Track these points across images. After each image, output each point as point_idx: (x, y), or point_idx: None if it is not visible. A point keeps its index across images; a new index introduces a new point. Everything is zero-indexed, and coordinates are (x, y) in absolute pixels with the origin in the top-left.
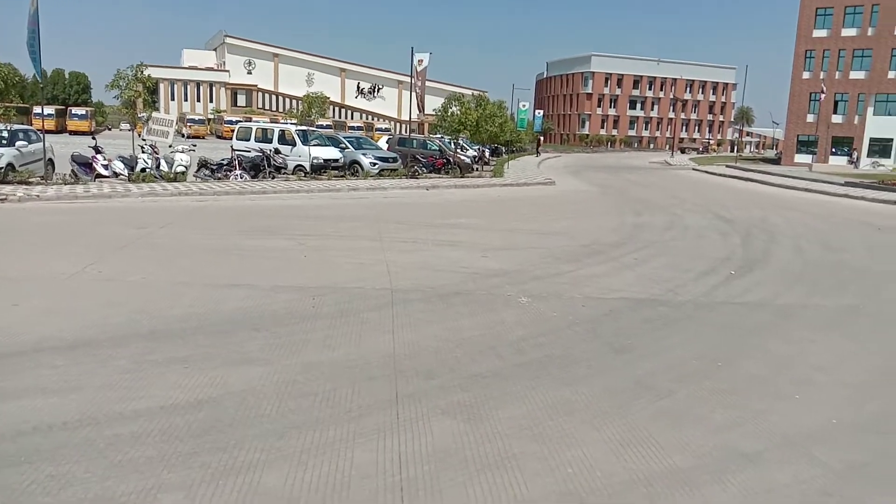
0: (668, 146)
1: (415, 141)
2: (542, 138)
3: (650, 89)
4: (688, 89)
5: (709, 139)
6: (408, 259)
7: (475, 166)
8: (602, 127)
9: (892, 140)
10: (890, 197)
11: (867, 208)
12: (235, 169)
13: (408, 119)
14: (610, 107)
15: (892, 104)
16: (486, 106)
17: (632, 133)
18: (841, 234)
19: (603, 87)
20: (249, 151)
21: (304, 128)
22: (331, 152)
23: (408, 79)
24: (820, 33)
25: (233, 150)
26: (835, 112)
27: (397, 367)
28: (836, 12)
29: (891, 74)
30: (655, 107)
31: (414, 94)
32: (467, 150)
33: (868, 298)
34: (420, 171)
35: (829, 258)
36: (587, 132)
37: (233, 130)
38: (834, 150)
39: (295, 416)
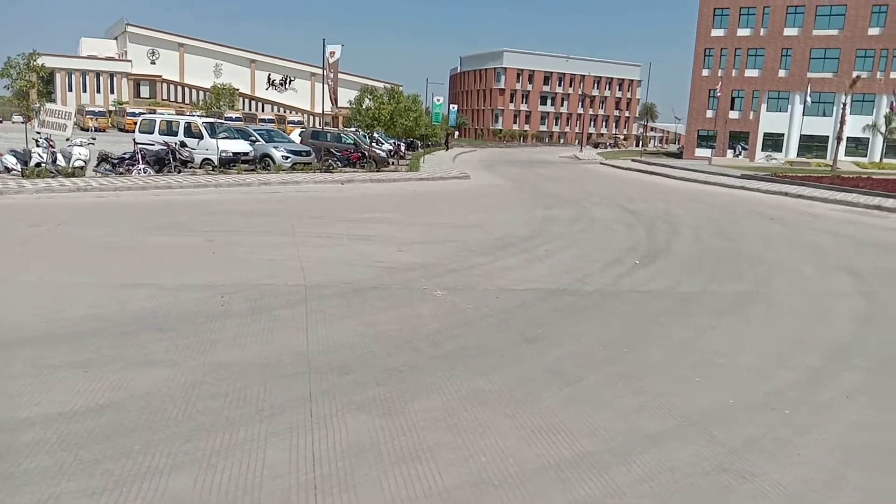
0: (577, 141)
1: (329, 134)
2: (449, 133)
3: (560, 85)
4: (595, 86)
5: (616, 134)
6: (322, 254)
7: (391, 160)
8: (515, 122)
9: (783, 135)
10: (781, 188)
11: (761, 199)
12: (138, 163)
13: (321, 112)
14: (522, 102)
15: (783, 101)
16: (401, 99)
17: (543, 128)
18: (737, 224)
19: (515, 82)
20: (153, 145)
21: (211, 120)
22: (240, 145)
23: (321, 71)
24: (717, 33)
25: (135, 143)
26: (732, 108)
27: (311, 364)
28: (732, 13)
29: (781, 73)
30: (565, 103)
31: (326, 86)
32: (383, 143)
33: (761, 285)
34: (334, 165)
35: (726, 247)
36: (500, 127)
37: (135, 123)
38: (732, 144)
39: (203, 417)
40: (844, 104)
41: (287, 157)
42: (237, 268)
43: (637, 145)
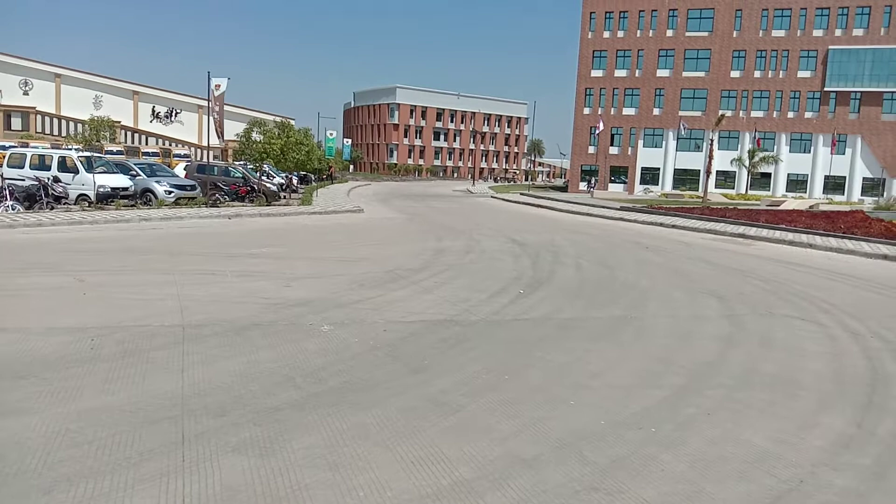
0: (470, 175)
1: (216, 168)
2: (332, 166)
3: (452, 122)
4: (486, 122)
5: (507, 168)
6: (203, 292)
7: (282, 194)
8: (409, 156)
9: (659, 169)
10: (657, 219)
11: (639, 230)
12: (6, 199)
13: (209, 145)
14: (416, 137)
15: (657, 137)
16: (291, 133)
17: (437, 163)
18: (615, 253)
19: (409, 118)
20: (23, 180)
21: (88, 154)
22: (119, 180)
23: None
24: (597, 73)
25: (3, 178)
26: (612, 144)
27: (186, 407)
28: (610, 55)
29: (656, 111)
30: (458, 138)
31: (212, 119)
32: (274, 177)
33: (635, 309)
34: (222, 200)
35: (604, 275)
36: (395, 161)
37: (3, 157)
38: (612, 178)
39: (65, 467)
40: (712, 140)
41: (170, 192)
42: (110, 309)
43: (526, 179)
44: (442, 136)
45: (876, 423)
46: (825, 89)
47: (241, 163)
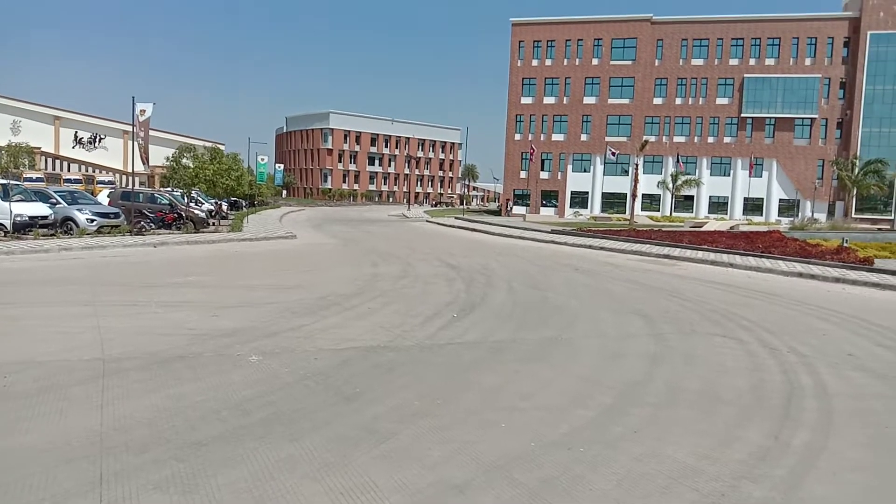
0: (406, 200)
1: (141, 195)
2: (256, 192)
3: (387, 147)
4: (420, 148)
5: (441, 193)
6: (125, 324)
7: (211, 221)
8: (344, 181)
9: (588, 192)
10: (586, 242)
11: (569, 252)
12: None
13: (134, 171)
14: (350, 162)
15: (586, 162)
16: (222, 159)
17: (372, 188)
18: (547, 275)
19: (343, 143)
20: None
21: (3, 182)
22: (38, 208)
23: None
24: (527, 100)
25: None
26: (542, 169)
27: (104, 445)
28: (538, 83)
29: (584, 137)
30: (392, 163)
31: (137, 144)
32: (203, 203)
33: (565, 330)
34: (147, 228)
35: (536, 297)
36: (330, 186)
37: None
38: (544, 202)
39: None
40: (637, 165)
41: (92, 220)
42: (25, 344)
43: (461, 204)
44: (377, 161)
45: (791, 435)
46: (742, 115)
47: (169, 189)
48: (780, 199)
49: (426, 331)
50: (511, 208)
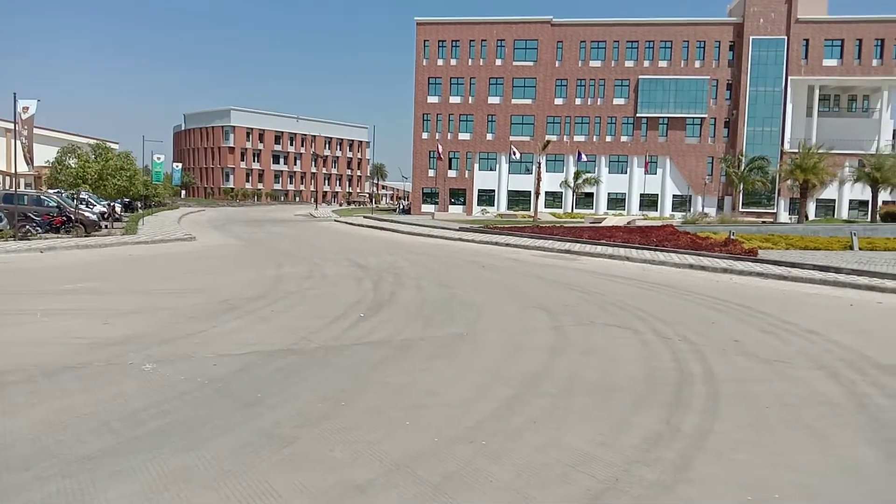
0: (313, 199)
1: (26, 196)
2: (148, 193)
3: (292, 145)
4: (327, 146)
5: (350, 192)
6: (7, 335)
7: (103, 223)
8: (247, 181)
9: (494, 191)
10: (492, 238)
11: (476, 249)
12: None
13: (20, 172)
14: (254, 161)
15: (492, 161)
16: (110, 157)
17: (278, 187)
18: (454, 272)
19: (245, 141)
20: None
21: None
22: None
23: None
24: (433, 100)
25: None
26: (450, 168)
27: None
28: (444, 82)
29: (489, 136)
30: (298, 161)
31: (20, 144)
32: (94, 205)
33: (471, 326)
34: (33, 232)
35: (443, 294)
36: (232, 186)
37: None
38: (452, 200)
39: None
40: (539, 163)
41: None
42: None
43: (372, 203)
44: (282, 160)
45: (682, 420)
46: (637, 115)
47: (56, 191)
48: (674, 195)
49: (332, 332)
50: (405, 207)
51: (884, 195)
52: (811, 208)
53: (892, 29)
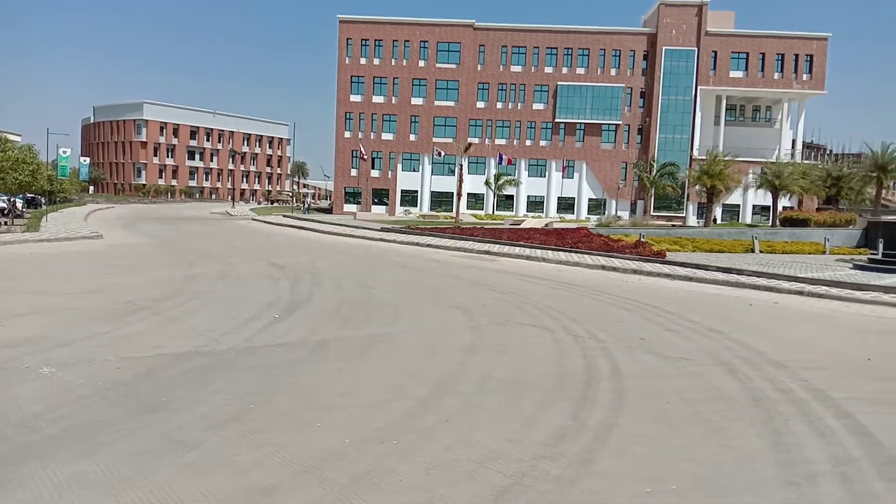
0: (230, 197)
1: None
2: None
3: (209, 140)
4: (245, 142)
5: (269, 190)
6: None
7: (2, 220)
8: (160, 177)
9: (417, 191)
10: (414, 239)
11: (398, 249)
12: None
13: None
14: (168, 156)
15: (415, 161)
16: (10, 150)
17: (192, 183)
18: (374, 272)
19: (158, 135)
20: None
21: None
22: None
23: None
24: (356, 98)
25: None
26: (373, 167)
27: None
28: (367, 81)
29: (412, 137)
30: (215, 158)
31: None
32: None
33: (388, 326)
34: None
35: (362, 294)
36: (144, 182)
37: None
38: (375, 200)
39: None
40: (462, 165)
41: None
42: None
43: (296, 201)
44: (197, 156)
45: (588, 415)
46: (556, 120)
47: None
48: (590, 199)
49: (244, 333)
50: (309, 206)
51: (783, 201)
52: (718, 212)
53: (791, 44)
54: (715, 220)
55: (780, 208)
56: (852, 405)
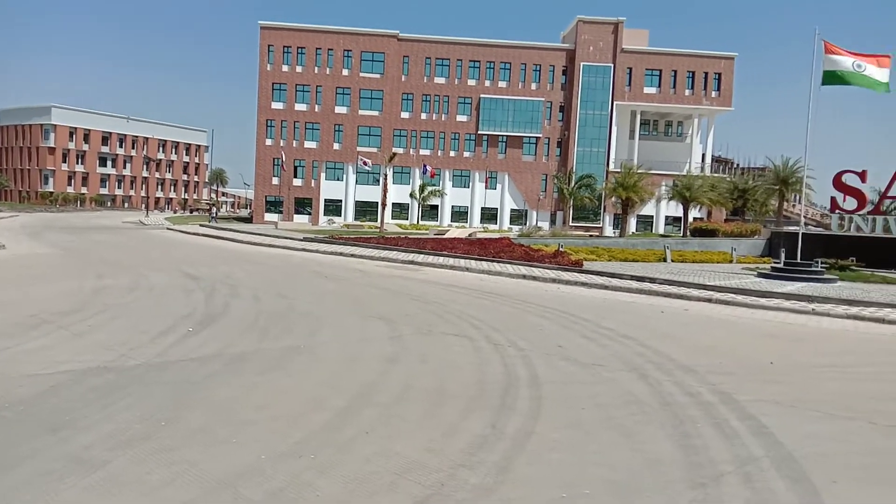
0: (144, 205)
1: None
2: None
3: (122, 147)
4: (161, 149)
5: (185, 199)
6: None
7: None
8: (70, 184)
9: (341, 201)
10: (338, 249)
11: (320, 260)
12: None
13: None
14: (78, 163)
15: (339, 171)
16: None
17: (104, 191)
18: (295, 283)
19: (68, 141)
20: None
21: None
22: None
23: None
24: (278, 106)
25: None
26: (295, 176)
27: None
28: (289, 88)
29: (336, 146)
30: (128, 165)
31: None
32: None
33: (308, 338)
34: None
35: (282, 305)
36: (52, 189)
37: None
38: (298, 209)
39: None
40: (386, 175)
41: None
42: None
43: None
44: (109, 162)
45: (506, 423)
46: (479, 132)
47: None
48: (512, 209)
49: (156, 348)
50: (216, 214)
51: (694, 212)
52: (632, 223)
53: (701, 62)
54: (631, 231)
55: (690, 219)
56: (755, 407)
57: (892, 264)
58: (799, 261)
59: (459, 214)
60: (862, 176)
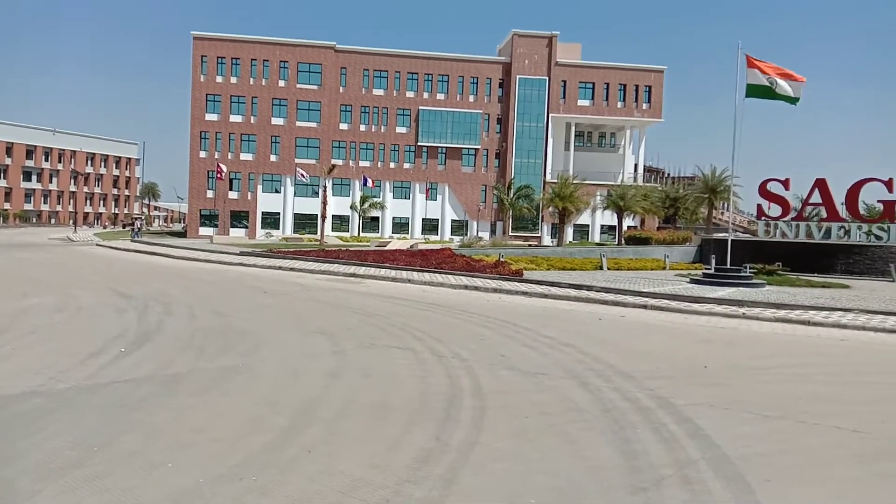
0: (72, 221)
1: None
2: None
3: (47, 160)
4: (90, 162)
5: (116, 213)
6: None
7: None
8: None
9: (279, 213)
10: (276, 263)
11: (257, 274)
12: None
13: None
14: (1, 178)
15: (276, 183)
16: None
17: (29, 207)
18: (232, 299)
19: None
20: None
21: None
22: None
23: None
24: (212, 117)
25: None
26: (231, 189)
27: None
28: (224, 100)
29: (273, 158)
30: (55, 179)
31: None
32: None
33: (247, 356)
34: None
35: (219, 323)
36: None
37: None
38: (234, 223)
39: None
40: (326, 187)
41: None
42: None
43: (149, 225)
44: (34, 177)
45: (451, 435)
46: (418, 144)
47: None
48: (453, 220)
49: (86, 370)
50: (140, 228)
51: (628, 221)
52: (569, 232)
53: (632, 76)
54: (568, 240)
55: (625, 228)
56: (691, 410)
57: (815, 268)
58: (729, 266)
59: (400, 226)
60: (785, 184)
